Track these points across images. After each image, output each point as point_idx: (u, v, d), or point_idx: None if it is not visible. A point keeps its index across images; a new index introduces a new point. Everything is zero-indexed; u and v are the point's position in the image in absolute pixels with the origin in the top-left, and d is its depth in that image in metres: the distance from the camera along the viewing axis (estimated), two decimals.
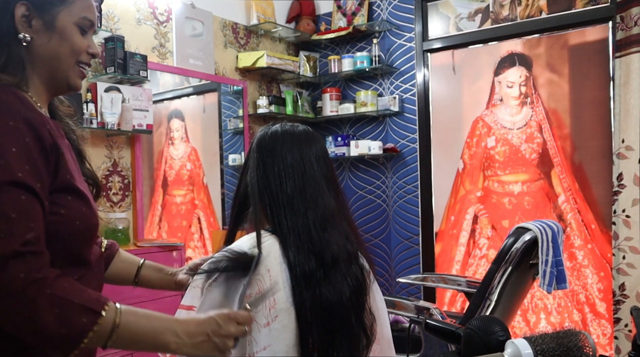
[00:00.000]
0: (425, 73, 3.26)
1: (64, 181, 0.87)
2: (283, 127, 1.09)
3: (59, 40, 0.92)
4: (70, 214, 0.87)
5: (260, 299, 0.96)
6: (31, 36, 0.90)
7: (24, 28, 0.90)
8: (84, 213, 0.90)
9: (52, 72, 0.94)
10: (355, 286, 1.02)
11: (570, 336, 0.70)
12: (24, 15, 0.90)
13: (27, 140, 0.81)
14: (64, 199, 0.87)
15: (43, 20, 0.91)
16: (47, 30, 0.91)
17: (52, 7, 0.91)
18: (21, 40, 0.90)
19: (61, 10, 0.92)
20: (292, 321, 0.97)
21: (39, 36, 0.91)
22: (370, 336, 1.04)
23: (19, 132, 0.81)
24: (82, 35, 0.95)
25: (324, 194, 1.04)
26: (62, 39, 0.92)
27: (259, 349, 0.94)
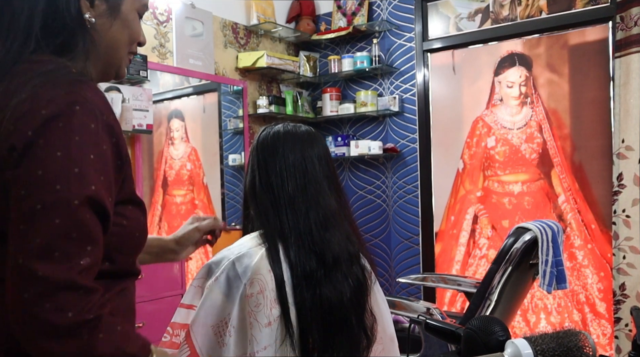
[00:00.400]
0: (425, 73, 3.26)
1: (128, 191, 0.81)
2: (285, 127, 1.09)
3: (121, 26, 0.85)
4: (132, 224, 0.81)
5: (261, 298, 0.96)
6: (94, 18, 0.81)
7: (87, 8, 0.81)
8: (142, 223, 0.84)
9: (108, 60, 0.85)
10: (356, 287, 1.02)
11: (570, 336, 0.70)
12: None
13: (105, 148, 0.73)
14: (126, 209, 0.80)
15: (108, 3, 0.83)
16: (111, 15, 0.83)
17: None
18: (85, 22, 0.80)
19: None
20: (293, 320, 0.97)
21: (101, 20, 0.82)
22: (370, 337, 1.04)
23: (98, 137, 0.72)
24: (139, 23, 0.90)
25: (326, 194, 1.04)
26: (124, 26, 0.85)
27: (260, 349, 0.94)
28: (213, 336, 0.98)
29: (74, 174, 0.68)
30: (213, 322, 0.98)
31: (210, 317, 0.98)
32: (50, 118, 0.68)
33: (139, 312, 0.96)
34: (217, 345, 0.98)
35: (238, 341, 0.96)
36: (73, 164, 0.68)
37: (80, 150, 0.69)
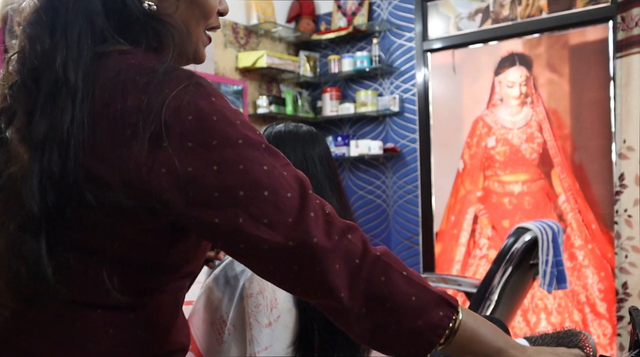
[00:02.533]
0: (425, 73, 3.26)
1: None
2: (287, 127, 1.09)
3: (189, 4, 0.72)
4: None
5: (261, 299, 0.96)
6: (155, 4, 0.70)
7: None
8: None
9: (182, 45, 0.73)
10: None
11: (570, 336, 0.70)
12: None
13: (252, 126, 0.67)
14: None
15: None
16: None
17: None
18: (146, 10, 0.69)
19: None
20: (292, 321, 0.97)
21: (163, 4, 0.71)
22: None
23: (244, 116, 0.67)
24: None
25: (327, 194, 1.04)
26: (191, 3, 0.72)
27: (261, 349, 0.94)
28: (212, 332, 0.98)
29: (265, 149, 0.64)
30: (211, 319, 0.99)
31: (208, 313, 0.99)
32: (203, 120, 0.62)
33: None
34: (216, 342, 0.98)
35: (238, 340, 0.96)
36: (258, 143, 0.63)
37: (249, 129, 0.64)
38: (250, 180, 0.61)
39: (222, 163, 0.61)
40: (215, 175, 0.60)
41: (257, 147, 0.63)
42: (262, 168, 0.62)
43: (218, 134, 0.61)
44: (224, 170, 0.61)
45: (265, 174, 0.62)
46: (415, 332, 0.63)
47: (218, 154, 0.61)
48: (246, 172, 0.61)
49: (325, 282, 0.62)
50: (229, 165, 0.61)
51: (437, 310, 0.63)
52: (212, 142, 0.61)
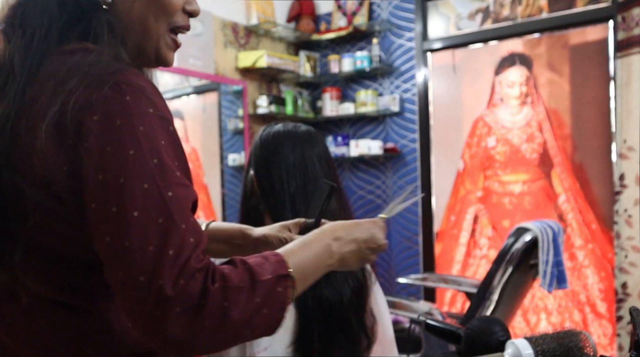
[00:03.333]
0: (426, 73, 3.25)
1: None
2: (285, 127, 1.08)
3: (146, 3, 0.70)
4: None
5: None
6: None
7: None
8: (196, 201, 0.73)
9: (140, 43, 0.72)
10: (356, 287, 1.02)
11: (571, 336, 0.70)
12: None
13: (172, 129, 0.65)
14: None
15: None
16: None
17: None
18: (100, 4, 0.68)
19: None
20: (292, 322, 0.97)
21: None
22: (371, 337, 1.03)
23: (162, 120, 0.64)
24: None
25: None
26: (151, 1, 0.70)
27: (260, 350, 0.94)
28: None
29: (155, 166, 0.60)
30: None
31: None
32: (106, 121, 0.61)
33: None
34: None
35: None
36: (149, 157, 0.60)
37: (149, 140, 0.61)
38: (125, 198, 0.59)
39: (106, 172, 0.59)
40: (97, 185, 0.60)
41: (147, 162, 0.60)
42: (142, 186, 0.59)
43: (114, 141, 0.60)
44: (106, 181, 0.59)
45: (142, 194, 0.59)
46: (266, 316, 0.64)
47: (106, 162, 0.60)
48: (123, 188, 0.59)
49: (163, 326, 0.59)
50: (112, 177, 0.59)
51: (277, 288, 0.65)
52: (107, 148, 0.60)
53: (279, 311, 0.65)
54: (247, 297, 0.61)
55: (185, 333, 0.58)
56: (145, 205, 0.59)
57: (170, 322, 0.57)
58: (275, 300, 0.64)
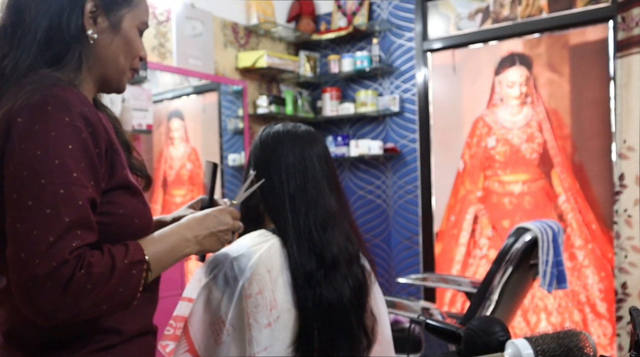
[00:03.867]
0: (425, 73, 3.26)
1: (121, 178, 0.86)
2: (285, 127, 1.08)
3: (121, 42, 0.90)
4: (129, 213, 0.86)
5: (260, 299, 0.96)
6: (96, 34, 0.87)
7: (90, 25, 0.86)
8: (140, 210, 0.88)
9: (107, 74, 0.91)
10: (356, 287, 1.02)
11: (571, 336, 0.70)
12: (91, 11, 0.86)
13: (84, 136, 0.78)
14: (121, 197, 0.86)
15: (109, 20, 0.88)
16: (112, 31, 0.89)
17: (119, 8, 0.89)
18: (88, 38, 0.86)
19: (127, 11, 0.90)
20: (292, 321, 0.97)
21: (103, 36, 0.88)
22: (371, 337, 1.03)
23: (75, 128, 0.78)
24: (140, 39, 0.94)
25: (325, 194, 1.04)
26: (124, 42, 0.90)
27: (260, 350, 0.94)
28: (210, 333, 0.98)
29: (55, 165, 0.75)
30: (209, 320, 0.98)
31: (207, 314, 0.99)
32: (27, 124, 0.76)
33: None
34: (214, 342, 0.98)
35: (236, 340, 0.96)
36: (52, 157, 0.75)
37: (57, 144, 0.76)
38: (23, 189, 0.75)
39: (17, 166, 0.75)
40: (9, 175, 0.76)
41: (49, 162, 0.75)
42: (40, 181, 0.75)
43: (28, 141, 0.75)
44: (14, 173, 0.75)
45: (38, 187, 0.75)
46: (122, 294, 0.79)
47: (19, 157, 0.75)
48: (25, 181, 0.75)
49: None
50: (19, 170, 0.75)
51: (131, 272, 0.79)
52: (22, 146, 0.75)
53: (134, 289, 0.80)
54: (106, 280, 0.76)
55: (50, 305, 0.72)
56: (38, 197, 0.74)
57: (40, 295, 0.72)
58: (130, 281, 0.79)
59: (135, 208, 0.87)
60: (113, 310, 0.81)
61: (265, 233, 1.04)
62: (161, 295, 0.99)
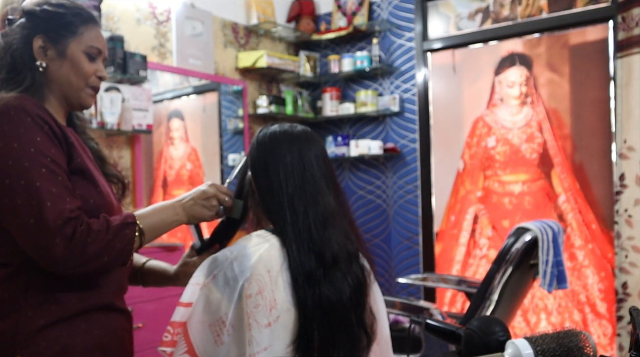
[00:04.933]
0: (425, 73, 3.26)
1: (77, 163, 1.02)
2: (282, 127, 1.09)
3: (69, 66, 1.06)
4: (84, 193, 1.01)
5: (260, 299, 0.96)
6: (47, 63, 1.05)
7: (41, 57, 1.05)
8: (94, 192, 1.04)
9: (65, 93, 1.08)
10: (355, 286, 1.02)
11: (571, 336, 0.70)
12: (41, 46, 1.04)
13: (45, 130, 0.98)
14: (77, 181, 1.01)
15: (56, 50, 1.05)
16: (60, 58, 1.05)
17: (64, 39, 1.06)
18: (38, 67, 1.05)
19: (71, 41, 1.06)
20: (291, 321, 0.97)
21: (53, 63, 1.06)
22: (371, 336, 1.03)
23: (37, 124, 0.97)
24: (90, 61, 1.08)
25: (324, 193, 1.04)
26: (72, 66, 1.06)
27: (260, 350, 0.94)
28: (210, 333, 0.98)
29: (32, 152, 0.94)
30: (209, 321, 0.98)
31: (207, 315, 0.98)
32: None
33: (139, 312, 0.97)
34: (215, 343, 0.98)
35: (236, 340, 0.96)
36: (28, 147, 0.95)
37: (27, 136, 0.95)
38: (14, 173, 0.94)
39: (1, 161, 0.94)
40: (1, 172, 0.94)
41: (27, 150, 0.95)
42: (24, 164, 0.94)
43: (3, 138, 0.94)
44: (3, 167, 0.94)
45: (25, 168, 0.94)
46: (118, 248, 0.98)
47: (1, 157, 0.94)
48: (12, 167, 0.94)
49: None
50: (2, 161, 0.94)
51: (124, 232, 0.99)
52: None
53: (127, 245, 0.99)
54: (103, 235, 0.96)
55: (62, 254, 0.92)
56: (26, 177, 0.93)
57: (53, 247, 0.91)
58: (124, 238, 0.98)
59: (89, 190, 1.03)
60: (114, 262, 0.99)
61: (264, 233, 1.04)
62: (161, 295, 1.00)
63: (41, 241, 0.92)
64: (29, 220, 0.92)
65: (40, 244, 0.92)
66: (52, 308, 0.99)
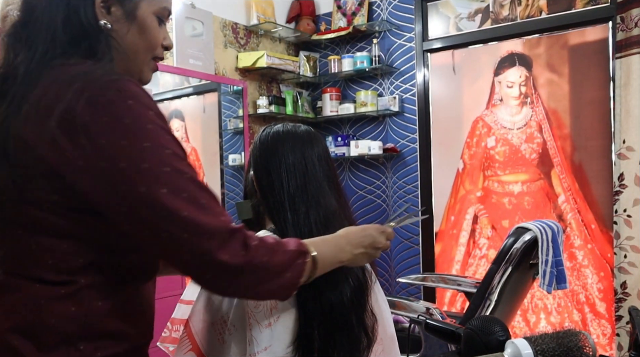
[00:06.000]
0: (425, 73, 3.26)
1: None
2: (285, 127, 1.09)
3: (138, 31, 0.85)
4: None
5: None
6: (110, 24, 0.83)
7: (103, 15, 0.83)
8: None
9: (128, 66, 0.87)
10: (356, 286, 1.02)
11: (570, 336, 0.70)
12: (103, 0, 0.83)
13: (167, 127, 0.80)
14: None
15: (124, 9, 0.84)
16: (127, 20, 0.84)
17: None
18: (102, 28, 0.82)
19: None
20: (292, 322, 0.97)
21: (119, 25, 0.84)
22: (371, 337, 1.03)
23: (159, 118, 0.77)
24: (159, 26, 0.89)
25: (326, 194, 1.04)
26: (141, 31, 0.86)
27: (260, 350, 0.94)
28: (213, 332, 0.99)
29: (167, 154, 0.75)
30: (211, 320, 0.99)
31: (208, 314, 0.99)
32: (116, 122, 0.73)
33: None
34: (217, 342, 0.98)
35: (238, 340, 0.96)
36: (162, 148, 0.75)
37: (157, 135, 0.75)
38: (151, 180, 0.73)
39: (129, 160, 0.72)
40: (119, 172, 0.72)
41: (162, 151, 0.74)
42: (164, 170, 0.74)
43: (128, 136, 0.72)
44: (129, 168, 0.72)
45: (166, 175, 0.74)
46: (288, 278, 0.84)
47: (126, 153, 0.72)
48: (149, 172, 0.73)
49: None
50: (134, 164, 0.72)
51: (296, 260, 0.84)
52: (122, 142, 0.72)
53: (297, 277, 0.84)
54: (278, 253, 0.81)
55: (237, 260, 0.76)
56: (170, 184, 0.73)
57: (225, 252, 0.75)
58: (295, 268, 0.83)
59: None
60: (279, 292, 0.85)
61: (265, 233, 1.04)
62: (161, 295, 0.99)
63: (205, 257, 0.75)
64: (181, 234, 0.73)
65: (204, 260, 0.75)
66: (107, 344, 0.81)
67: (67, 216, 0.76)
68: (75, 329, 0.78)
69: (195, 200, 0.75)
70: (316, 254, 0.87)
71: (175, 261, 0.77)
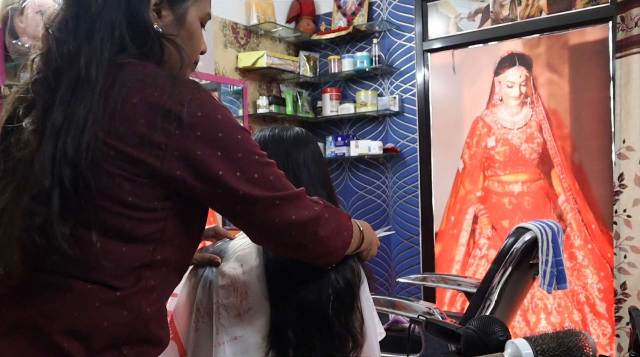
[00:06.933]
0: (425, 73, 3.26)
1: None
2: (272, 131, 1.11)
3: (186, 37, 0.85)
4: None
5: (232, 290, 1.00)
6: (161, 28, 0.82)
7: (155, 19, 0.81)
8: None
9: (173, 67, 0.86)
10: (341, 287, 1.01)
11: (570, 336, 0.70)
12: (156, 3, 0.81)
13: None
14: None
15: (174, 13, 0.83)
16: (177, 24, 0.84)
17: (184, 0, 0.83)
18: (157, 33, 0.81)
19: (192, 3, 0.85)
20: (265, 314, 0.99)
21: (168, 29, 0.83)
22: (359, 339, 1.02)
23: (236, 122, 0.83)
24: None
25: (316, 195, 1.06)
26: (189, 36, 0.86)
27: (229, 339, 0.97)
28: (190, 320, 1.05)
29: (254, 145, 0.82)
30: (189, 308, 1.05)
31: (188, 302, 1.05)
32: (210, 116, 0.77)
33: None
34: (192, 330, 1.04)
35: (210, 328, 1.01)
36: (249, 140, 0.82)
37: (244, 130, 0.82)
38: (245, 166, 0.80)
39: (225, 150, 0.78)
40: (218, 159, 0.77)
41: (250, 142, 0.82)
42: (254, 158, 0.81)
43: (222, 129, 0.78)
44: (226, 156, 0.78)
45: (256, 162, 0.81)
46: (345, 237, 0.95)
47: (223, 143, 0.78)
48: (243, 160, 0.80)
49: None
50: (230, 153, 0.78)
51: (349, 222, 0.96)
52: (218, 134, 0.77)
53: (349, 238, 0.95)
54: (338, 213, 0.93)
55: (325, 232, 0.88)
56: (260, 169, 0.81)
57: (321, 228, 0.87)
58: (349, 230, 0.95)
59: None
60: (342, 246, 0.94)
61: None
62: None
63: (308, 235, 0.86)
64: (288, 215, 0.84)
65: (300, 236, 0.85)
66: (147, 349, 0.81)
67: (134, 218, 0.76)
68: (123, 333, 0.78)
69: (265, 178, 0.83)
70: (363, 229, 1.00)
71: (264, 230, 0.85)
